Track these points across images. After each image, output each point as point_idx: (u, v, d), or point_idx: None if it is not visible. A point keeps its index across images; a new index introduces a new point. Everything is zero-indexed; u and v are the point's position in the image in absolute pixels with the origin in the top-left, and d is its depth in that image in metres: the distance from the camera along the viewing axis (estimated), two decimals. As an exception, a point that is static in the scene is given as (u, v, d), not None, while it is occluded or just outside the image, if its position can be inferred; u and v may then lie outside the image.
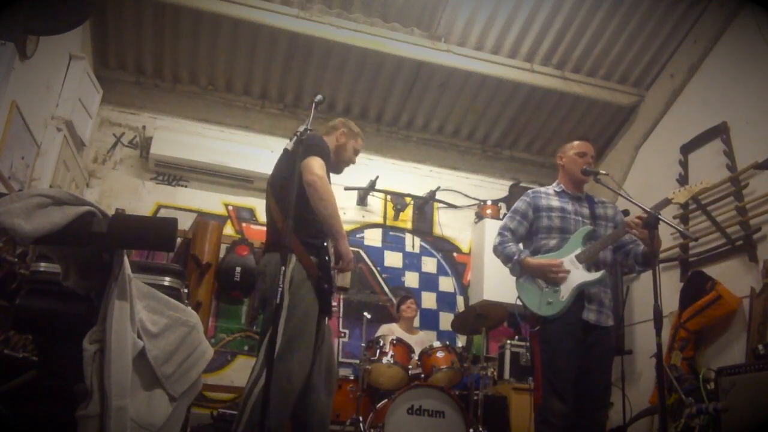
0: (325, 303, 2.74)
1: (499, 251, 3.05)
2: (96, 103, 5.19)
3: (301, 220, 2.57)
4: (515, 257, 2.96)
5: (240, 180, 5.62)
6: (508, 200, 6.18)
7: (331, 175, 2.91)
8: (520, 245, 3.05)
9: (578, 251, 2.91)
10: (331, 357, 2.86)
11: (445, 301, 5.96)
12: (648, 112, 5.78)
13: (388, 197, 6.11)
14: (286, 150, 2.90)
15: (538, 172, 6.57)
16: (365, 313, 4.72)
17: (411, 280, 5.95)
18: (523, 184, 6.26)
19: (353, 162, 3.14)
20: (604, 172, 3.06)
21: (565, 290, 2.84)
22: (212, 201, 5.64)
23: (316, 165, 2.68)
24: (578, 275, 2.86)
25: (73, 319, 1.85)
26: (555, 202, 3.06)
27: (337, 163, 3.03)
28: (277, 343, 2.34)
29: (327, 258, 2.73)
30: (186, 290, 2.98)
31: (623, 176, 5.93)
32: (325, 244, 2.77)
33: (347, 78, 5.71)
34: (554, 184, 3.19)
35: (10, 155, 3.82)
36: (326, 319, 2.84)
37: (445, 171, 6.37)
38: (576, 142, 3.17)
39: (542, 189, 3.18)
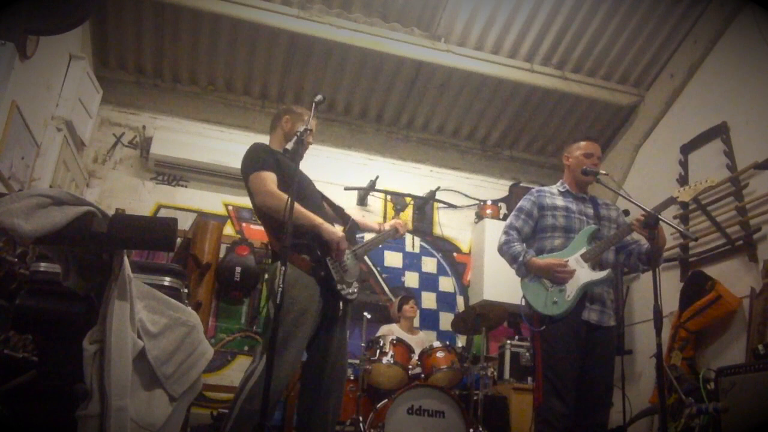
0: (331, 295, 2.78)
1: (505, 251, 3.03)
2: (96, 103, 5.19)
3: (280, 227, 2.63)
4: (521, 258, 2.94)
5: (240, 180, 5.56)
6: (508, 200, 6.18)
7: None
8: (524, 245, 3.04)
9: (583, 250, 2.90)
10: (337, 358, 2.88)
11: (445, 301, 5.96)
12: (648, 112, 5.78)
13: (388, 197, 6.11)
14: (286, 150, 2.91)
15: (538, 172, 6.57)
16: (365, 313, 4.70)
17: (411, 280, 5.95)
18: (523, 184, 6.25)
19: (310, 143, 2.97)
20: (604, 172, 3.06)
21: (571, 289, 2.83)
22: (212, 201, 5.64)
23: (259, 183, 2.79)
24: (584, 274, 2.85)
25: (73, 319, 1.84)
26: (560, 202, 3.06)
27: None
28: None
29: (318, 252, 2.77)
30: (186, 290, 2.98)
31: (623, 176, 5.92)
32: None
33: (347, 78, 5.70)
34: (558, 184, 3.18)
35: (10, 155, 3.82)
36: (338, 320, 2.84)
37: (445, 171, 6.36)
38: (583, 143, 3.16)
39: (546, 188, 3.17)
